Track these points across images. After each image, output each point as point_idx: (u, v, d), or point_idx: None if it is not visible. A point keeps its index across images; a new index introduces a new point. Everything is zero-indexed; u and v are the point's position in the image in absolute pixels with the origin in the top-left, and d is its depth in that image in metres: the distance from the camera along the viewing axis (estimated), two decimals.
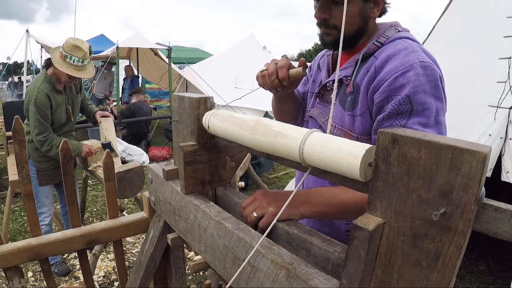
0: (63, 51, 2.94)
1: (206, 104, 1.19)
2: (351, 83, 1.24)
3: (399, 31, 1.26)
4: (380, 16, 1.29)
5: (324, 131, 1.35)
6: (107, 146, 3.34)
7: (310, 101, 1.52)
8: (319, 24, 1.29)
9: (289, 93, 1.45)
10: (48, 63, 3.10)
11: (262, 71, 1.28)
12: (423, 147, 0.58)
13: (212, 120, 1.11)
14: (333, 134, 1.30)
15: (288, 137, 0.82)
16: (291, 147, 0.80)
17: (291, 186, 4.69)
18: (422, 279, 0.62)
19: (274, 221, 0.91)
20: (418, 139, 0.59)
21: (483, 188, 0.59)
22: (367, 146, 0.67)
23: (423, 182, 0.59)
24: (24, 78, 12.41)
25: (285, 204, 0.87)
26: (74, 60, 2.94)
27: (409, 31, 1.28)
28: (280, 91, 1.33)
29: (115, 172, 2.43)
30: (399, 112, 1.10)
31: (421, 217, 0.60)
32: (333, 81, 1.32)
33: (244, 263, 0.83)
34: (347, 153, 0.69)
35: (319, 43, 1.36)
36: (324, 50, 1.53)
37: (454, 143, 0.56)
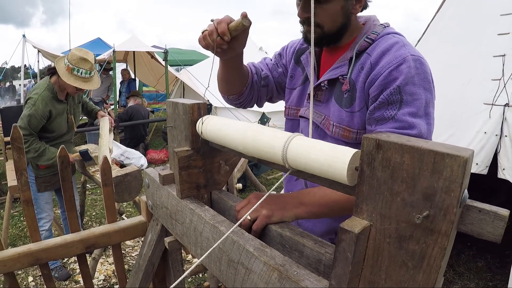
0: (69, 63, 2.94)
1: (199, 110, 1.21)
2: (347, 81, 1.26)
3: (385, 27, 1.29)
4: (362, 11, 1.32)
5: (323, 131, 1.35)
6: (85, 154, 3.33)
7: (289, 97, 1.52)
8: (302, 22, 1.31)
9: (235, 61, 1.42)
10: (52, 71, 3.10)
11: (203, 32, 1.23)
12: (406, 152, 0.60)
13: (205, 126, 1.13)
14: (332, 132, 1.31)
15: (272, 143, 0.85)
16: (277, 154, 0.82)
17: None
18: (409, 280, 0.64)
19: (247, 215, 0.92)
20: (401, 144, 0.61)
21: (466, 191, 0.61)
22: (353, 150, 0.69)
23: (407, 186, 0.61)
24: (21, 82, 12.43)
25: (255, 206, 0.88)
26: (81, 73, 2.97)
27: (389, 25, 1.32)
28: (225, 49, 1.25)
29: (113, 176, 2.45)
30: (389, 102, 1.14)
31: (406, 220, 0.62)
32: (327, 81, 1.33)
33: (212, 248, 0.85)
34: (334, 158, 0.71)
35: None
36: (297, 42, 1.55)
37: (436, 148, 0.58)
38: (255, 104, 1.68)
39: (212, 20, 1.19)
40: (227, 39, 1.19)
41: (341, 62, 1.30)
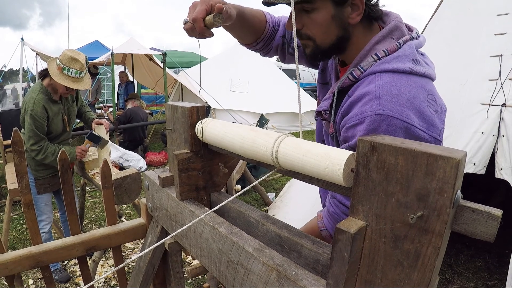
0: (60, 63, 2.98)
1: (198, 113, 1.23)
2: (331, 124, 1.16)
3: (378, 59, 1.06)
4: (376, 20, 1.16)
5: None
6: (91, 136, 3.34)
7: (320, 91, 1.39)
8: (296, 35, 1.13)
9: (231, 27, 1.30)
10: (44, 74, 3.12)
11: (185, 23, 1.09)
12: (400, 154, 0.62)
13: (204, 129, 1.14)
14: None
15: (267, 145, 0.86)
16: (271, 157, 0.84)
17: (287, 188, 4.73)
18: (404, 278, 0.66)
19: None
20: (395, 146, 0.62)
21: (459, 192, 0.62)
22: (348, 153, 0.71)
23: (401, 187, 0.63)
24: (20, 85, 12.44)
25: None
26: (71, 72, 2.98)
27: (396, 49, 1.07)
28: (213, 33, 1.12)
29: (113, 178, 2.47)
30: None
31: (401, 220, 0.64)
32: (328, 110, 1.17)
33: (185, 227, 0.86)
34: (330, 160, 0.72)
35: None
36: None
37: (429, 150, 0.60)
38: (276, 56, 1.54)
39: (185, 22, 1.08)
40: (209, 35, 1.09)
41: (328, 95, 1.18)
